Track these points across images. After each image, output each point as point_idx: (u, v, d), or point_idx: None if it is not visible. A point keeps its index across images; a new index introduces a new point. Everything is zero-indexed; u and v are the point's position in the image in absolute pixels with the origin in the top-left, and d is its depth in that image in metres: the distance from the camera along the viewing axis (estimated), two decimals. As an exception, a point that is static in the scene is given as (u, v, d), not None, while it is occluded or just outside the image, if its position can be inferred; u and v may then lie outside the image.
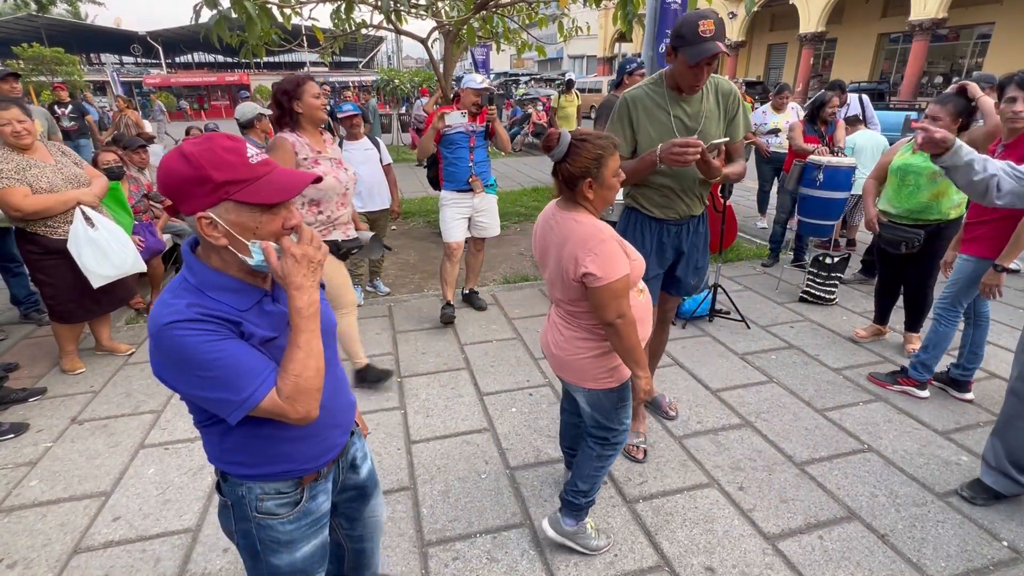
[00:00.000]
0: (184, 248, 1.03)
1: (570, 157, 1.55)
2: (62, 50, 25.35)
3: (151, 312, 0.97)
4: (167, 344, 0.93)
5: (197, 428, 1.13)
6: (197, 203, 0.94)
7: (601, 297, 1.54)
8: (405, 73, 18.46)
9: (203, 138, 0.95)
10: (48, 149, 3.00)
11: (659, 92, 2.16)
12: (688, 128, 2.16)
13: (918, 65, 16.63)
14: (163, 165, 0.94)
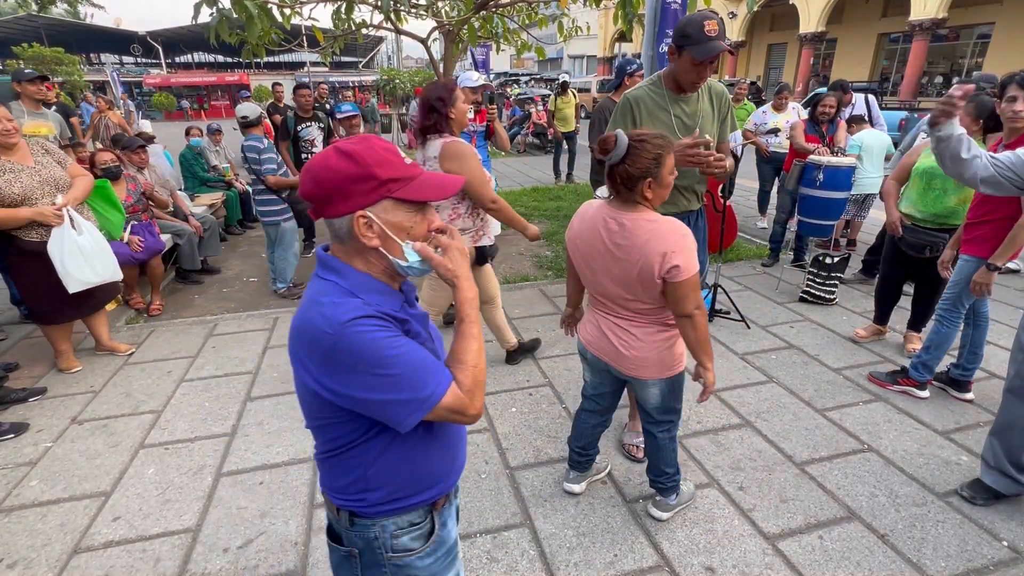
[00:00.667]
0: (320, 252, 0.99)
1: (629, 158, 1.55)
2: (62, 50, 25.37)
3: (317, 314, 0.89)
4: (346, 343, 0.87)
5: (322, 460, 1.03)
6: (356, 201, 0.91)
7: (683, 290, 1.59)
8: (405, 73, 18.46)
9: (360, 138, 0.93)
10: (30, 148, 2.91)
11: (659, 92, 2.23)
12: (687, 127, 2.23)
13: (918, 65, 16.62)
14: (320, 164, 0.91)
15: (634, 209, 1.63)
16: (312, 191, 0.92)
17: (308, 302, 0.93)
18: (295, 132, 5.16)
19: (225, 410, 2.88)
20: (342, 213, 0.92)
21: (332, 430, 0.99)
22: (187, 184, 6.24)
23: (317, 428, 1.01)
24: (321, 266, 0.98)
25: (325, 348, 0.88)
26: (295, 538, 2.06)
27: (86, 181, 3.13)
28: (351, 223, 0.92)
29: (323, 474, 1.06)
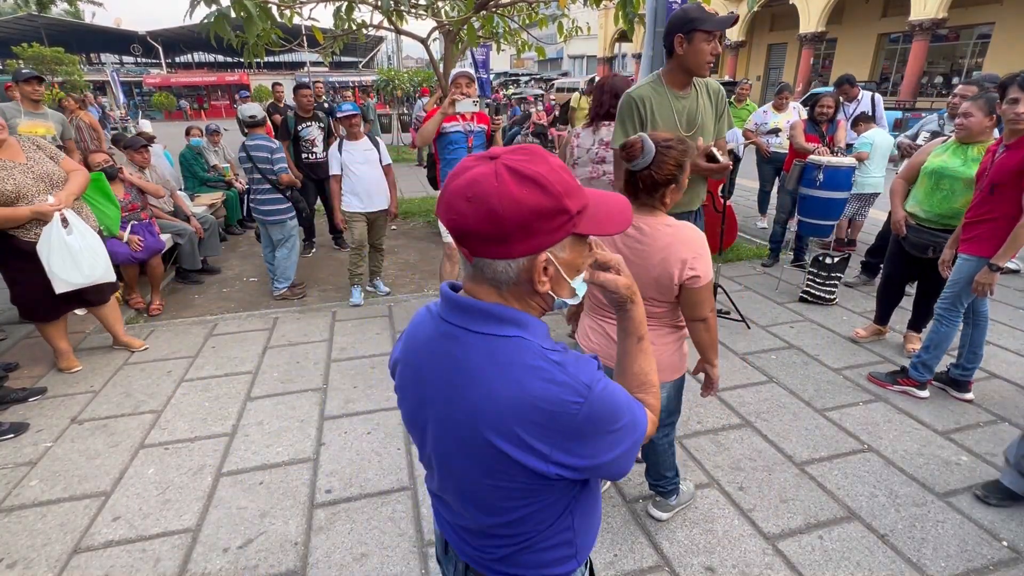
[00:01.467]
0: (475, 302, 0.77)
1: (656, 165, 1.52)
2: (62, 50, 25.35)
3: (550, 383, 0.72)
4: (597, 407, 0.73)
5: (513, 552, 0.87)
6: (540, 240, 0.72)
7: (702, 295, 1.60)
8: (405, 73, 18.46)
9: (529, 153, 0.73)
10: (21, 145, 2.89)
11: (661, 90, 2.29)
12: (689, 123, 2.29)
13: (918, 65, 16.62)
14: (499, 193, 0.69)
15: (651, 213, 1.61)
16: (482, 228, 0.70)
17: (516, 371, 0.73)
18: (295, 132, 5.17)
19: (225, 410, 2.88)
20: (518, 255, 0.73)
21: (535, 514, 0.82)
22: (187, 184, 6.24)
23: (511, 522, 0.83)
24: (485, 319, 0.77)
25: (577, 421, 0.72)
26: (295, 538, 2.06)
27: (82, 175, 3.10)
28: (529, 266, 0.74)
29: (508, 568, 0.88)
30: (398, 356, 0.92)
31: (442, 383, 0.80)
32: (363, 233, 4.12)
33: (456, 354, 0.78)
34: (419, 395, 0.85)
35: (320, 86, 7.06)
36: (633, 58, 27.94)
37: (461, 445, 0.79)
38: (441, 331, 0.81)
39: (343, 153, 3.95)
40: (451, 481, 0.85)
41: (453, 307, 0.79)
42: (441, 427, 0.81)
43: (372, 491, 2.29)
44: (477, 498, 0.82)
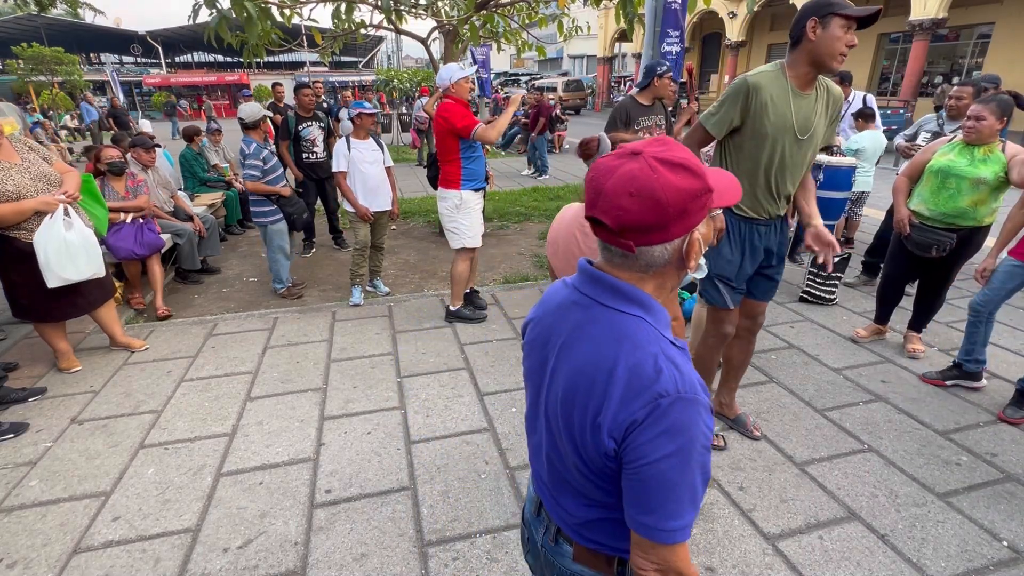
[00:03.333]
0: (607, 277, 0.83)
1: None
2: (62, 50, 25.36)
3: (660, 367, 0.75)
4: (680, 413, 0.74)
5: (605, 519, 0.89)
6: (691, 220, 0.77)
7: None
8: (405, 73, 18.46)
9: (668, 143, 0.78)
10: (14, 146, 2.89)
11: (783, 83, 2.05)
12: (803, 127, 2.07)
13: (918, 65, 16.61)
14: (661, 184, 0.73)
15: None
16: (648, 218, 0.75)
17: (627, 344, 0.78)
18: (296, 132, 5.17)
19: (225, 410, 2.88)
20: (673, 237, 0.78)
21: (606, 489, 0.85)
22: (187, 184, 6.24)
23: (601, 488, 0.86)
24: (614, 294, 0.82)
25: (651, 409, 0.74)
26: (295, 538, 2.06)
27: (75, 175, 3.11)
28: (682, 246, 0.79)
29: (598, 535, 0.91)
30: (531, 316, 0.99)
31: (564, 344, 0.86)
32: (367, 233, 4.12)
33: (582, 321, 0.85)
34: (542, 355, 0.91)
35: (320, 86, 7.07)
36: (633, 58, 27.91)
37: (561, 401, 0.84)
38: (572, 299, 0.88)
39: (351, 151, 3.94)
40: (559, 440, 0.88)
41: (588, 279, 0.86)
42: (552, 384, 0.88)
43: (372, 491, 2.29)
44: (579, 459, 0.85)
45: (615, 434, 0.77)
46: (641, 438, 0.75)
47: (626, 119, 3.94)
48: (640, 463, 0.76)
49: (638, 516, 0.78)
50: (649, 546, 0.79)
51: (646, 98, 3.91)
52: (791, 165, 2.11)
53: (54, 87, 25.13)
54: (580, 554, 0.95)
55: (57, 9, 36.51)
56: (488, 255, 5.31)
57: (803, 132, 2.07)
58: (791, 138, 2.06)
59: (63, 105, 23.70)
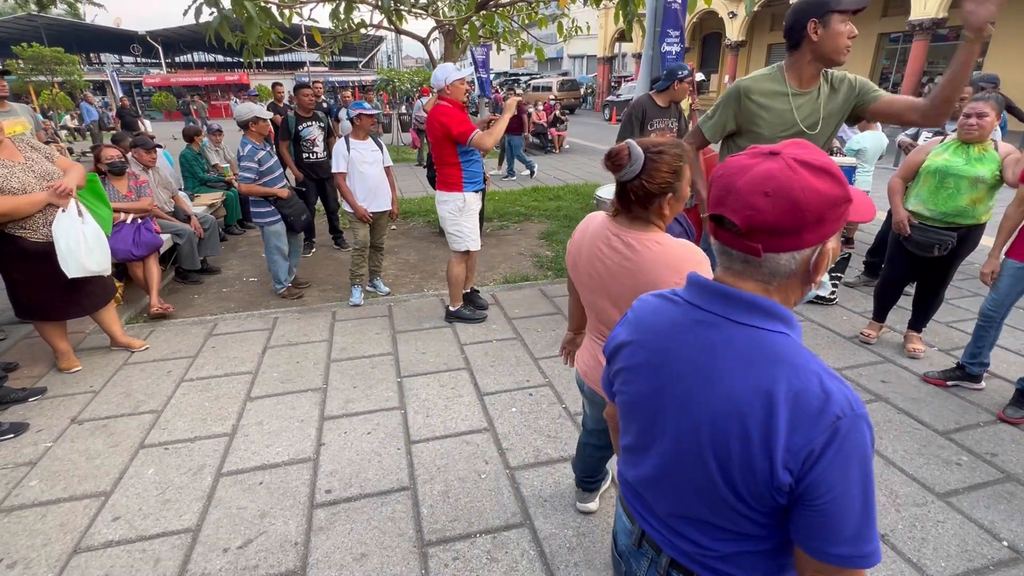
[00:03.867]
0: (741, 293, 0.78)
1: (647, 173, 1.33)
2: (62, 50, 25.35)
3: (827, 386, 0.71)
4: (856, 432, 0.70)
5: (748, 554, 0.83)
6: (827, 229, 0.74)
7: None
8: (405, 73, 18.47)
9: (809, 147, 0.75)
10: (17, 146, 2.90)
11: (779, 85, 2.08)
12: (808, 124, 2.08)
13: (918, 65, 16.61)
14: (801, 186, 0.71)
15: (644, 228, 1.41)
16: (782, 220, 0.71)
17: (785, 367, 0.73)
18: (296, 132, 5.16)
19: (225, 410, 2.88)
20: (806, 245, 0.74)
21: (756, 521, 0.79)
22: (187, 184, 6.24)
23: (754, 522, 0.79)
24: (750, 310, 0.77)
25: (839, 427, 0.70)
26: (295, 538, 2.06)
27: (79, 169, 3.12)
28: (809, 256, 0.75)
29: (735, 568, 0.85)
30: (625, 339, 0.92)
31: (695, 369, 0.79)
32: (367, 234, 4.12)
33: (715, 342, 0.78)
34: (657, 381, 0.85)
35: (320, 86, 7.08)
36: (633, 58, 27.92)
37: (708, 432, 0.77)
38: (694, 318, 0.81)
39: (351, 152, 3.94)
40: (696, 473, 0.81)
41: (714, 295, 0.80)
42: (685, 412, 0.80)
43: (372, 491, 2.29)
44: (731, 492, 0.77)
45: (791, 466, 0.71)
46: (825, 467, 0.69)
47: (642, 118, 3.92)
48: (829, 495, 0.70)
49: (830, 548, 0.72)
50: (837, 572, 0.74)
51: (663, 100, 3.90)
52: None
53: (54, 87, 25.14)
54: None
55: (57, 8, 36.54)
56: (488, 255, 5.31)
57: (811, 128, 2.09)
58: (796, 134, 2.07)
59: (63, 105, 23.71)
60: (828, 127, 2.12)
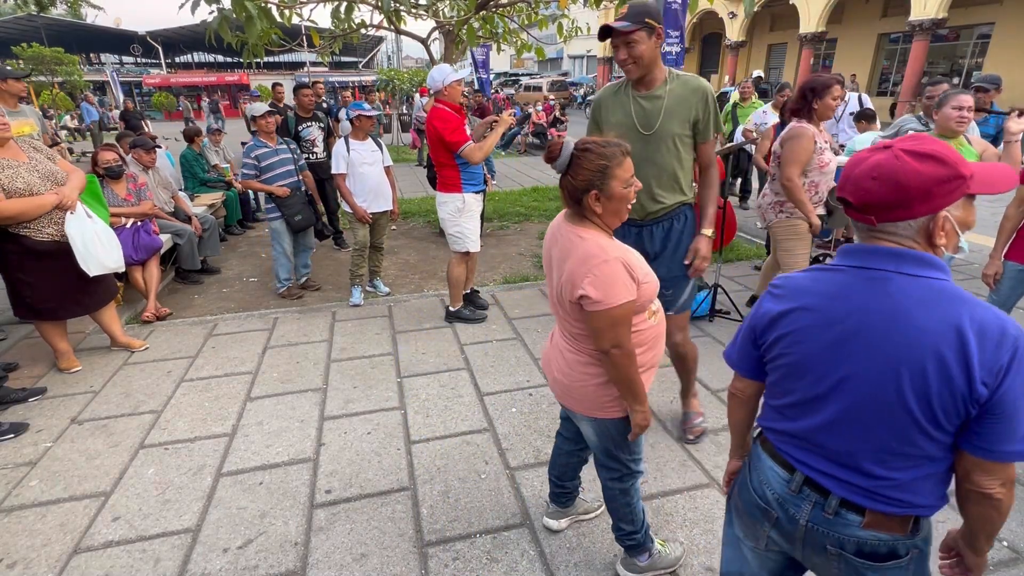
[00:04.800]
0: (900, 249, 0.95)
1: (572, 169, 1.41)
2: (62, 50, 25.37)
3: (992, 315, 0.89)
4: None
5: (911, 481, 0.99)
6: (938, 202, 0.91)
7: (597, 323, 1.40)
8: (405, 73, 18.48)
9: (921, 139, 0.93)
10: (20, 146, 2.91)
11: (622, 91, 2.25)
12: (646, 124, 2.18)
13: (918, 65, 16.61)
14: (903, 169, 0.91)
15: (581, 223, 1.47)
16: (888, 197, 0.92)
17: (962, 305, 0.90)
18: (296, 132, 5.17)
19: (225, 410, 2.88)
20: (917, 215, 0.93)
21: (940, 442, 0.95)
22: (187, 184, 6.25)
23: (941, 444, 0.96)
24: (919, 263, 0.94)
25: (1013, 352, 0.87)
26: (295, 538, 2.06)
27: (80, 174, 3.15)
28: (928, 224, 0.93)
29: (913, 495, 1.01)
30: (783, 309, 1.07)
31: (880, 318, 0.95)
32: (366, 234, 4.13)
33: (892, 293, 0.95)
34: (832, 335, 1.00)
35: (320, 86, 7.08)
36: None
37: (905, 367, 0.92)
38: (866, 277, 0.98)
39: (351, 152, 3.94)
40: (885, 409, 0.95)
41: (884, 256, 0.97)
42: (875, 356, 0.95)
43: (372, 491, 2.29)
44: (925, 417, 0.93)
45: (987, 380, 0.87)
46: (1011, 380, 0.87)
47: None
48: (1013, 403, 0.88)
49: (1006, 446, 0.90)
50: (1002, 468, 0.92)
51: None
52: (643, 162, 2.13)
53: (54, 87, 25.15)
54: (873, 520, 1.01)
55: (57, 9, 36.56)
56: (488, 255, 5.31)
57: (646, 128, 2.17)
58: (635, 135, 2.15)
59: (63, 105, 23.71)
60: (667, 130, 2.18)
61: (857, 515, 1.02)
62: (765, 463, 1.15)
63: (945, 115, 2.84)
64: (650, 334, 1.54)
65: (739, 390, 1.26)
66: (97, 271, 3.03)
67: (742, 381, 1.24)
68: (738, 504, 1.24)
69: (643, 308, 1.49)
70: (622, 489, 1.73)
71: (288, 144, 4.31)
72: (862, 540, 1.03)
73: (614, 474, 1.71)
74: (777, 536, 1.14)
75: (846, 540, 1.04)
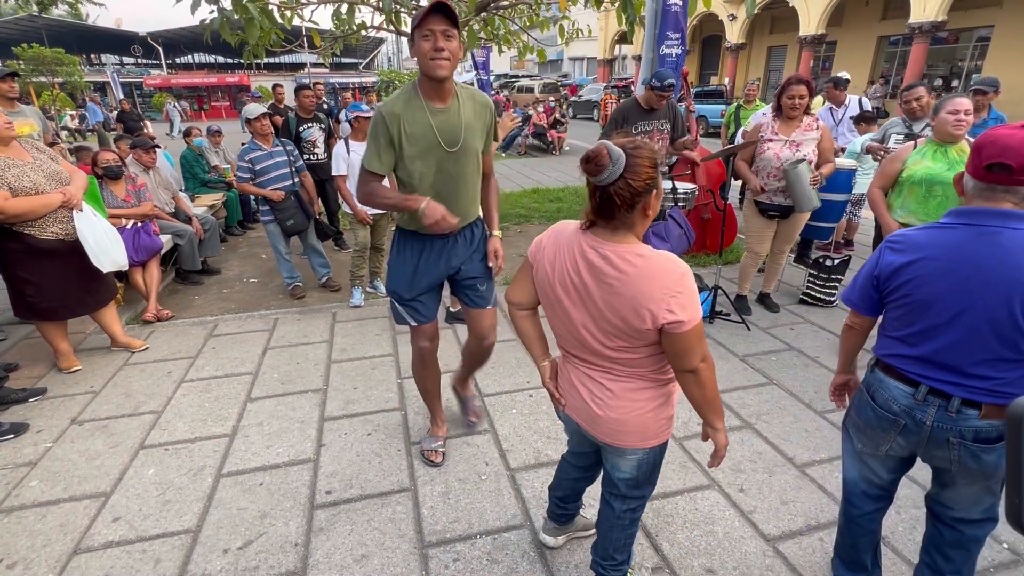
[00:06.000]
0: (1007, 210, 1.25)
1: (630, 171, 1.23)
2: (62, 50, 25.37)
3: None
4: None
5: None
6: None
7: (687, 342, 1.28)
8: (406, 74, 18.49)
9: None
10: (23, 146, 2.92)
11: (416, 103, 2.00)
12: (450, 140, 2.05)
13: (918, 67, 16.65)
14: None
15: (623, 239, 1.32)
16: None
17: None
18: (297, 133, 5.17)
19: (225, 411, 2.88)
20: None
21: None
22: (188, 185, 6.25)
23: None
24: (1020, 219, 1.24)
25: None
26: (295, 539, 2.06)
27: (83, 176, 3.16)
28: None
29: (1007, 391, 1.28)
30: (907, 260, 1.37)
31: (993, 262, 1.25)
32: (366, 235, 4.13)
33: (1001, 243, 1.25)
34: (954, 277, 1.30)
35: (320, 87, 7.09)
36: (633, 60, 27.97)
37: (1016, 294, 1.22)
38: (977, 232, 1.28)
39: (351, 154, 3.94)
40: (988, 326, 1.27)
41: (993, 215, 1.27)
42: (990, 290, 1.25)
43: (372, 492, 2.29)
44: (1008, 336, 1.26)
45: None
46: None
47: (623, 122, 3.97)
48: None
49: None
50: None
51: (645, 103, 3.94)
52: (452, 179, 2.09)
53: (55, 88, 25.16)
54: (989, 412, 1.32)
55: (58, 9, 36.61)
56: (488, 256, 5.31)
57: (451, 145, 2.04)
58: (440, 152, 2.04)
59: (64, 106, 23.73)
60: (471, 145, 2.10)
61: (974, 410, 1.33)
62: (888, 384, 1.46)
63: (942, 120, 2.82)
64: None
65: (857, 324, 1.60)
66: (109, 268, 3.08)
67: (860, 317, 1.57)
68: (858, 423, 1.56)
69: None
70: (632, 520, 1.64)
71: (285, 146, 4.30)
72: (979, 429, 1.32)
73: (632, 504, 1.61)
74: (902, 440, 1.46)
75: (966, 431, 1.34)
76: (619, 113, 4.01)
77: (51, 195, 2.86)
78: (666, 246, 3.75)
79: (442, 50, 1.83)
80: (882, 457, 1.55)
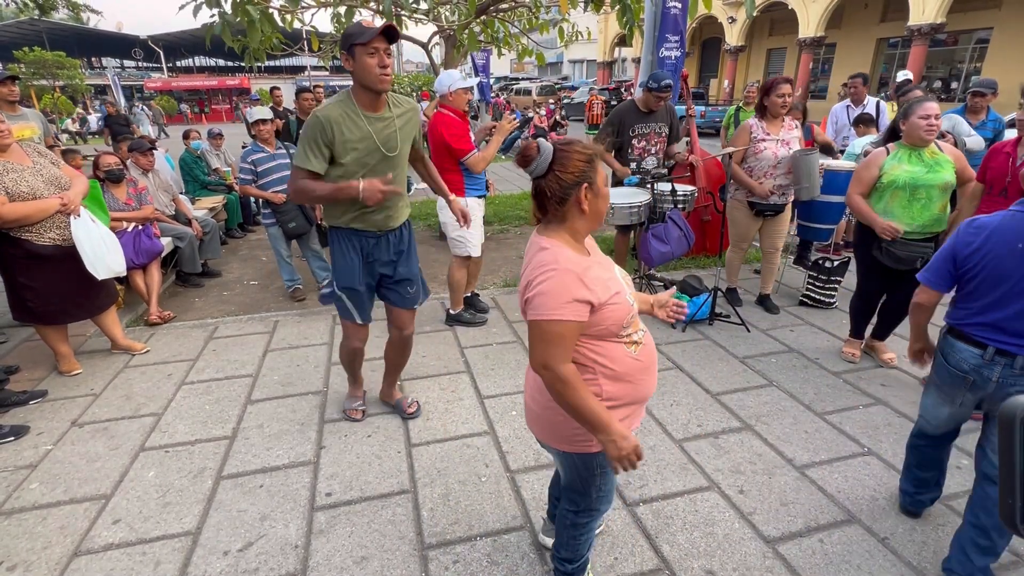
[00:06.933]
0: None
1: (558, 163, 1.27)
2: (63, 54, 25.46)
3: None
4: None
5: None
6: None
7: (530, 334, 1.28)
8: (405, 77, 18.54)
9: None
10: (24, 150, 2.91)
11: (352, 111, 2.12)
12: (388, 146, 2.22)
13: (917, 69, 16.66)
14: None
15: (549, 231, 1.35)
16: None
17: None
18: (297, 135, 5.17)
19: (225, 413, 2.88)
20: None
21: None
22: (188, 187, 6.26)
23: None
24: None
25: None
26: (295, 541, 2.06)
27: (83, 180, 3.17)
28: None
29: None
30: (978, 245, 1.67)
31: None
32: None
33: None
34: (1018, 255, 1.57)
35: (320, 90, 7.10)
36: (633, 62, 28.03)
37: None
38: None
39: None
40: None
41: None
42: None
43: (372, 494, 2.29)
44: None
45: None
46: None
47: (619, 125, 3.97)
48: None
49: None
50: None
51: (643, 105, 3.94)
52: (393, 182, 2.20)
53: (55, 91, 25.23)
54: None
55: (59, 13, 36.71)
56: (489, 259, 5.31)
57: (390, 150, 2.22)
58: (380, 156, 2.20)
59: (64, 109, 23.78)
60: (403, 152, 2.31)
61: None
62: (959, 347, 1.76)
63: (913, 124, 2.78)
64: (628, 367, 1.38)
65: (927, 301, 1.88)
66: (104, 275, 3.06)
67: (930, 294, 1.85)
68: (936, 380, 1.89)
69: (609, 333, 1.34)
70: (573, 522, 1.62)
71: (288, 149, 4.32)
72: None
73: (571, 506, 1.61)
74: (971, 395, 1.76)
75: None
76: (616, 115, 4.02)
77: (48, 200, 2.85)
78: (666, 248, 3.75)
79: (387, 67, 2.04)
80: (955, 410, 1.85)
